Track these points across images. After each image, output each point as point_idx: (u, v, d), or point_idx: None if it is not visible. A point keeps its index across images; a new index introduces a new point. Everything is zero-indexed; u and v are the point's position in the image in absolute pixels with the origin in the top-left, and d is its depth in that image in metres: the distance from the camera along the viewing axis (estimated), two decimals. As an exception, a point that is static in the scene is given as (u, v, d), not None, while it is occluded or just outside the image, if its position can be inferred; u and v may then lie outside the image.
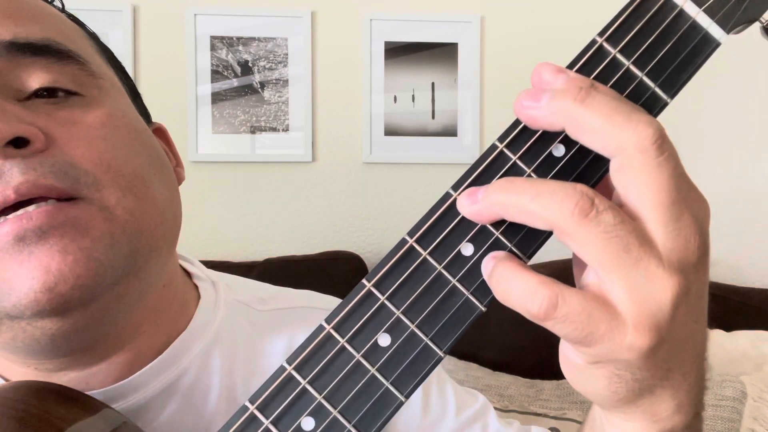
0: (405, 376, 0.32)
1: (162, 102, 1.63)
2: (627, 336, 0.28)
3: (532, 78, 0.31)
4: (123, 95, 0.47)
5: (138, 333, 0.46)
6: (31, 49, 0.41)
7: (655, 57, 0.31)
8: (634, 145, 0.28)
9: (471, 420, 0.57)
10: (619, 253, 0.27)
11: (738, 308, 1.53)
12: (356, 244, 1.69)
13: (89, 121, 0.41)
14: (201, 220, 1.65)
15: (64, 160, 0.39)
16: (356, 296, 0.32)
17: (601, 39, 0.31)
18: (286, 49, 1.68)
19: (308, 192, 1.70)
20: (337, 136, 1.70)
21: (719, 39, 0.32)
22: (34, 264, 0.37)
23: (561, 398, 1.31)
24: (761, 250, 1.75)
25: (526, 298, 0.29)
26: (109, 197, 0.40)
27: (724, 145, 1.74)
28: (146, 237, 0.42)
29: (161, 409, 0.47)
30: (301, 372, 0.32)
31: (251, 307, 0.56)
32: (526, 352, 1.48)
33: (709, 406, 1.19)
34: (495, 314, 1.46)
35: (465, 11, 1.70)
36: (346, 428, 0.32)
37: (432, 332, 0.32)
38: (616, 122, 0.28)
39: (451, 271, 0.32)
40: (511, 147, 0.32)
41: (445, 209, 0.32)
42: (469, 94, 1.70)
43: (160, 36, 1.66)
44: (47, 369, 0.43)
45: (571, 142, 0.31)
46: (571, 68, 0.31)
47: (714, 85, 1.73)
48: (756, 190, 1.75)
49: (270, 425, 0.32)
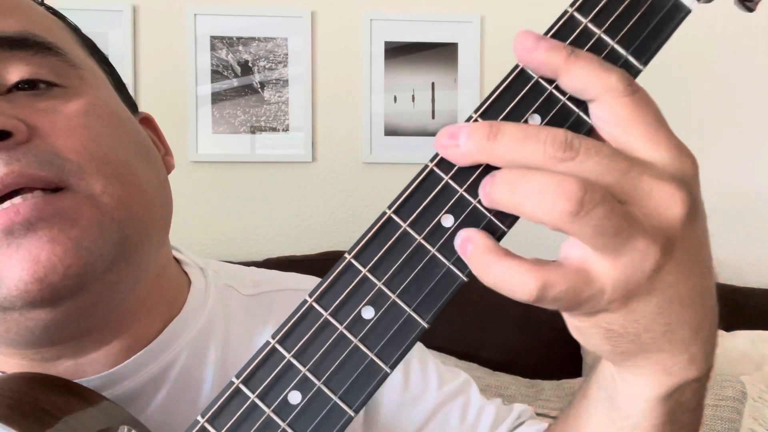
0: (389, 348, 0.32)
1: (162, 102, 1.63)
2: (605, 294, 0.30)
3: (515, 46, 0.32)
4: (106, 85, 0.48)
5: (134, 320, 0.46)
6: (9, 42, 0.41)
7: (626, 25, 0.32)
8: (603, 87, 0.30)
9: (453, 395, 0.58)
10: (608, 239, 0.28)
11: (738, 308, 1.53)
12: (356, 244, 1.69)
13: (71, 110, 0.42)
14: (201, 220, 1.65)
15: (47, 150, 0.39)
16: (337, 269, 0.32)
17: (572, 9, 0.32)
18: (286, 49, 1.68)
19: (308, 192, 1.70)
20: (337, 136, 1.70)
21: (689, 6, 0.32)
22: (23, 255, 0.37)
23: (561, 398, 1.31)
24: (761, 250, 1.76)
25: (515, 288, 0.30)
26: (95, 185, 0.40)
27: (724, 145, 1.74)
28: (135, 223, 0.42)
29: (154, 393, 0.47)
30: (285, 346, 0.32)
31: (240, 291, 0.56)
32: (526, 352, 1.49)
33: (709, 406, 1.19)
34: (495, 314, 1.46)
35: (465, 11, 1.70)
36: (333, 400, 0.32)
37: (414, 303, 0.32)
38: (591, 71, 0.30)
39: (431, 242, 0.32)
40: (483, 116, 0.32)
41: (424, 180, 0.32)
42: (469, 94, 1.70)
43: (160, 36, 1.66)
44: (43, 358, 0.44)
45: (547, 111, 0.32)
46: (549, 33, 0.32)
47: (714, 85, 1.73)
48: (756, 190, 1.75)
49: (256, 399, 0.32)
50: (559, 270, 0.30)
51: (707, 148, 1.73)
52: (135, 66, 1.64)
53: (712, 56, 1.69)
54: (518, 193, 0.29)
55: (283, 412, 0.32)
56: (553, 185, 0.28)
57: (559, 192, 0.28)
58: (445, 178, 0.32)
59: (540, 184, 0.28)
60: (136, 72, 1.64)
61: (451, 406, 0.58)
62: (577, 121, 0.32)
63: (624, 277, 0.29)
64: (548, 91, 0.32)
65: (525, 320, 1.50)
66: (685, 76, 1.63)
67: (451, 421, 0.57)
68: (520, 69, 0.32)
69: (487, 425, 0.57)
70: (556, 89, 0.32)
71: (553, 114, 0.32)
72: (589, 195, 0.28)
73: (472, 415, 0.58)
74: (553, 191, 0.28)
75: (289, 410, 0.32)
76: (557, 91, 0.32)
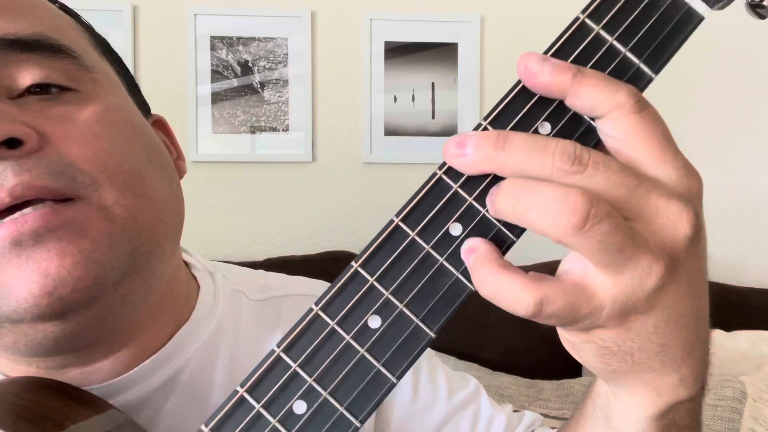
0: (396, 358, 0.31)
1: (162, 102, 1.62)
2: (604, 310, 0.29)
3: (518, 69, 0.31)
4: (119, 88, 0.46)
5: (142, 329, 0.45)
6: (21, 45, 0.40)
7: (639, 33, 0.31)
8: (611, 104, 0.29)
9: (463, 404, 0.57)
10: (612, 255, 0.28)
11: (738, 308, 1.53)
12: (356, 244, 1.69)
13: (84, 117, 0.40)
14: (201, 220, 1.65)
15: (59, 160, 0.38)
16: (344, 278, 0.32)
17: (584, 15, 0.32)
18: (286, 49, 1.68)
19: (308, 192, 1.70)
20: (337, 136, 1.70)
21: (703, 14, 0.32)
22: (32, 268, 0.36)
23: (561, 398, 1.31)
24: (761, 250, 1.75)
25: (512, 303, 0.29)
26: (107, 196, 0.39)
27: (724, 144, 1.74)
28: (146, 234, 0.41)
29: (164, 401, 0.46)
30: (291, 354, 0.32)
31: (249, 296, 0.55)
32: (526, 352, 1.49)
33: (709, 406, 1.19)
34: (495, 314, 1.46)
35: (465, 11, 1.70)
36: (338, 411, 0.31)
37: (422, 313, 0.31)
38: (598, 90, 0.30)
39: (439, 251, 0.31)
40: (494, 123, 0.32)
41: (433, 188, 0.32)
42: (469, 94, 1.70)
43: (160, 36, 1.66)
44: (49, 367, 0.43)
45: (557, 120, 0.32)
46: (555, 45, 0.32)
47: (713, 84, 1.73)
48: (756, 190, 1.75)
49: (261, 409, 0.32)
50: (558, 286, 0.29)
51: (707, 148, 1.73)
52: (135, 66, 1.64)
53: (712, 55, 1.69)
54: (523, 203, 0.29)
55: (289, 422, 0.32)
56: (558, 197, 0.28)
57: (564, 204, 0.27)
58: (454, 187, 0.32)
59: (546, 196, 0.28)
60: (136, 72, 1.64)
61: (462, 415, 0.57)
62: (588, 129, 0.32)
63: (624, 294, 0.29)
64: (558, 99, 0.32)
65: (525, 320, 1.49)
66: (684, 76, 1.63)
67: (462, 430, 0.57)
68: None
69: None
70: None
71: (564, 122, 0.32)
72: (594, 209, 0.27)
73: (483, 424, 0.57)
74: (558, 203, 0.27)
75: (294, 420, 0.32)
76: None
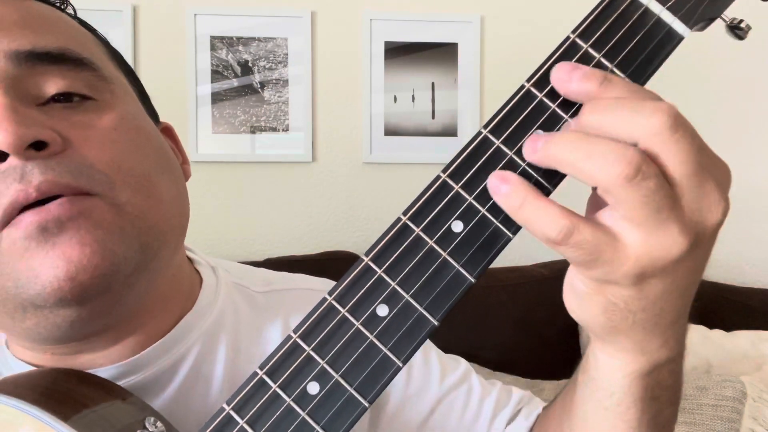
0: (402, 343, 0.35)
1: (162, 102, 1.62)
2: (625, 265, 0.32)
3: (552, 77, 0.34)
4: (133, 98, 0.51)
5: (149, 317, 0.49)
6: (49, 57, 0.44)
7: (624, 50, 0.35)
8: (649, 131, 0.31)
9: (455, 384, 0.61)
10: (650, 213, 0.31)
11: (738, 308, 1.54)
12: (356, 244, 1.69)
13: (103, 124, 0.45)
14: (201, 220, 1.65)
15: (79, 162, 0.42)
16: (356, 270, 0.35)
17: (574, 35, 0.35)
18: (286, 49, 1.68)
19: (308, 192, 1.70)
20: (337, 136, 1.70)
21: (683, 33, 0.35)
22: (57, 254, 0.40)
23: (561, 398, 1.31)
24: (761, 250, 1.76)
25: (546, 225, 0.32)
26: (121, 195, 0.43)
27: (723, 144, 1.73)
28: (154, 232, 0.45)
29: (167, 385, 0.49)
30: (306, 340, 0.35)
31: (249, 288, 0.59)
32: (526, 352, 1.49)
33: (709, 406, 1.19)
34: (495, 314, 1.46)
35: (465, 11, 1.70)
36: (348, 392, 0.35)
37: (426, 302, 0.35)
38: (625, 117, 0.32)
39: (442, 246, 0.35)
40: (495, 133, 0.35)
41: (437, 190, 0.35)
42: (469, 94, 1.70)
43: (160, 36, 1.66)
44: (63, 353, 0.47)
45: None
46: (548, 62, 0.35)
47: (713, 84, 1.73)
48: (756, 190, 1.75)
49: (278, 389, 0.35)
50: (590, 223, 0.32)
51: (707, 148, 1.72)
52: (135, 66, 1.64)
53: (710, 55, 1.69)
54: (581, 150, 0.31)
55: (303, 401, 0.35)
56: (616, 149, 0.30)
57: (621, 156, 0.30)
58: (455, 188, 0.35)
59: (605, 147, 0.31)
60: (136, 72, 1.64)
61: (455, 395, 0.61)
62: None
63: (648, 256, 0.31)
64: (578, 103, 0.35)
65: (525, 320, 1.50)
66: (683, 76, 1.63)
67: (455, 410, 0.60)
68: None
69: (489, 412, 0.61)
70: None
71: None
72: (646, 166, 0.30)
73: (475, 402, 0.61)
74: (614, 154, 0.30)
75: (308, 400, 0.35)
76: None
